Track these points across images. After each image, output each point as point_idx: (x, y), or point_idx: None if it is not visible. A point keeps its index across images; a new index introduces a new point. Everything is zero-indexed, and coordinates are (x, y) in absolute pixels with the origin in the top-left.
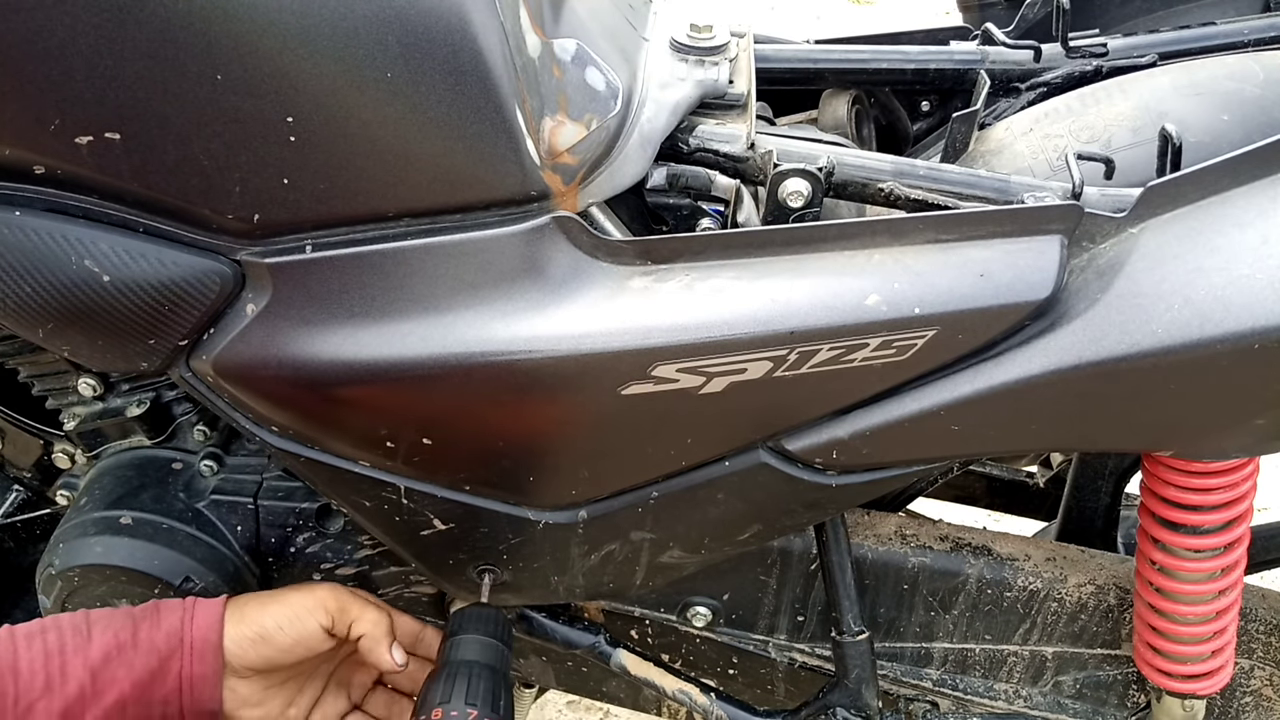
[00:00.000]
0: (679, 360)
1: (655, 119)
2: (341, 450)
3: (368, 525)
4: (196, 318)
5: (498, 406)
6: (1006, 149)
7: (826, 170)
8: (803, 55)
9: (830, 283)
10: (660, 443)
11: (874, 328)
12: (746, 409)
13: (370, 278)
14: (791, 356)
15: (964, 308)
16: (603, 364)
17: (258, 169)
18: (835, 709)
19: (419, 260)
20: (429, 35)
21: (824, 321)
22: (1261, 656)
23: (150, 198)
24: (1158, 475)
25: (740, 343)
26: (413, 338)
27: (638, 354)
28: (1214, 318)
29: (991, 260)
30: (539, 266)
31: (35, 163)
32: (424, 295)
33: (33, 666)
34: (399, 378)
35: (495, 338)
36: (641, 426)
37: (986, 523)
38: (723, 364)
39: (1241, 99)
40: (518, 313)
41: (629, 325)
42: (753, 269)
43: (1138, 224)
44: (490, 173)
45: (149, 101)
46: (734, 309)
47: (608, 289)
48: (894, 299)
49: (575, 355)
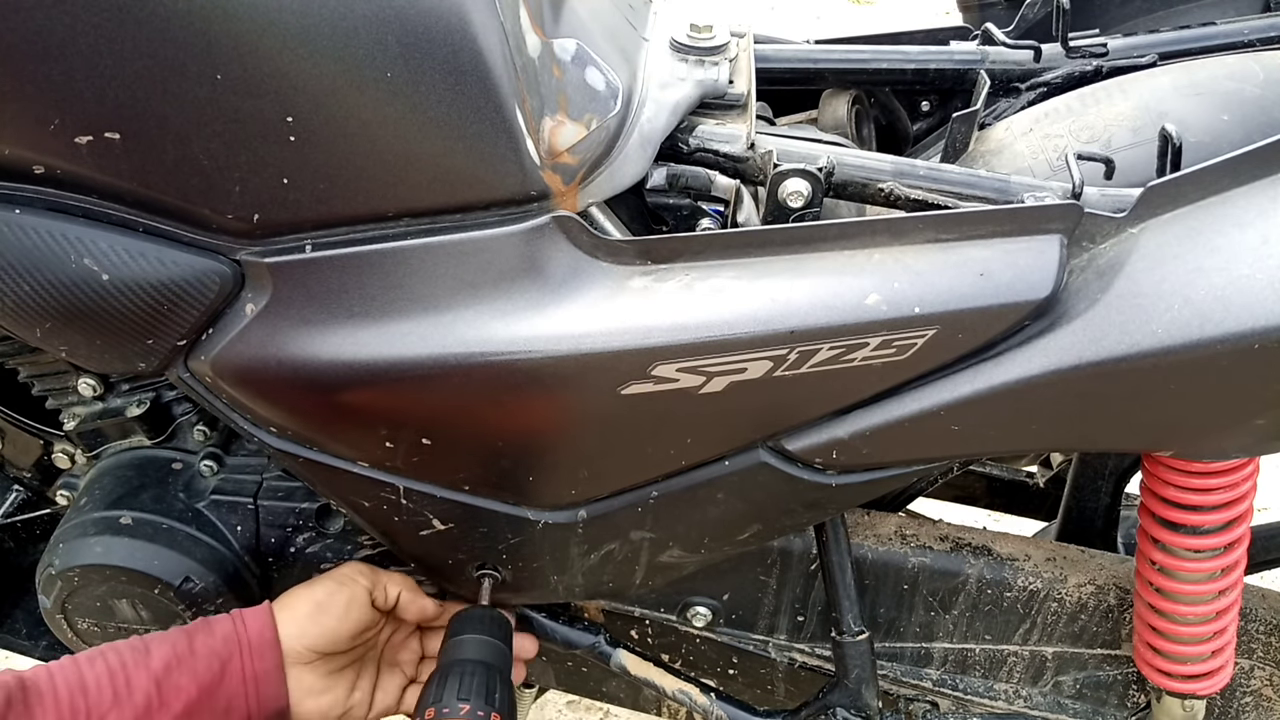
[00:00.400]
0: (679, 360)
1: (655, 119)
2: (340, 451)
3: (367, 526)
4: (195, 318)
5: (497, 406)
6: (1006, 149)
7: (826, 170)
8: (803, 55)
9: (830, 282)
10: (660, 442)
11: (874, 327)
12: (746, 408)
13: (370, 278)
14: (791, 356)
15: (964, 307)
16: (602, 364)
17: (258, 169)
18: (835, 709)
19: (418, 260)
20: (429, 35)
21: (824, 321)
22: (1261, 656)
23: (150, 197)
24: (1158, 475)
25: (740, 342)
26: (412, 337)
27: (637, 354)
28: (1214, 318)
29: (991, 260)
30: (538, 266)
31: (35, 162)
32: (423, 295)
33: (99, 683)
34: (398, 378)
35: (494, 337)
36: (641, 426)
37: (986, 523)
38: (723, 363)
39: (1241, 99)
40: (517, 312)
41: (629, 325)
42: (752, 269)
43: (1138, 224)
44: (490, 173)
45: (149, 101)
46: (734, 308)
47: (607, 289)
48: (894, 298)
49: (575, 355)
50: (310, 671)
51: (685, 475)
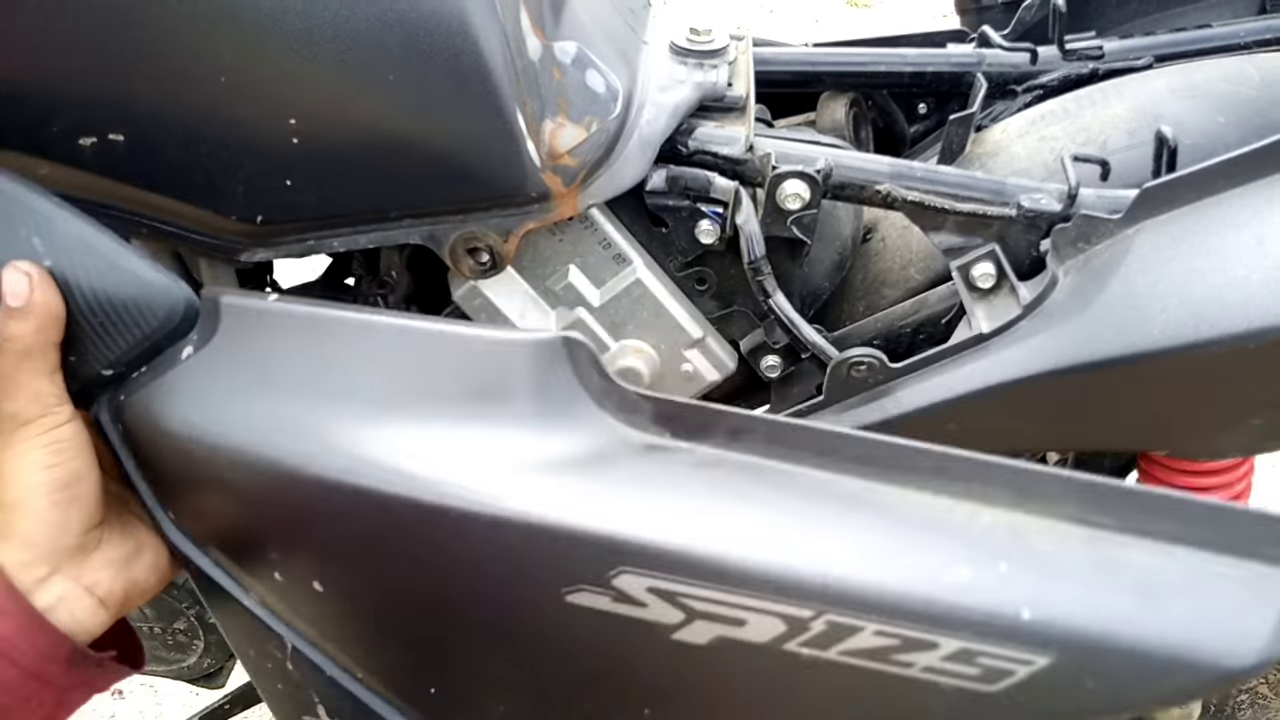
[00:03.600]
0: (655, 574)
1: (655, 121)
2: (232, 569)
3: (256, 685)
4: (128, 345)
5: (406, 561)
6: (1003, 151)
7: (824, 172)
8: (801, 58)
9: (908, 532)
10: (601, 694)
11: (953, 622)
12: (730, 689)
13: (322, 346)
14: (816, 626)
15: (1105, 637)
16: (551, 544)
17: (261, 170)
18: None
19: (386, 339)
20: (431, 38)
21: (881, 589)
22: None
23: (154, 199)
24: (1153, 474)
25: (750, 577)
26: (336, 436)
27: (600, 545)
28: (1210, 318)
29: (1181, 579)
30: (516, 393)
31: (39, 164)
32: (373, 387)
33: None
34: (296, 482)
35: (426, 470)
36: (579, 659)
37: None
38: (715, 601)
39: (1237, 101)
40: (468, 442)
41: (604, 501)
42: (803, 481)
43: (1134, 225)
44: (491, 174)
45: (153, 103)
46: (756, 524)
47: (598, 444)
48: (995, 583)
49: (517, 520)
50: (99, 555)
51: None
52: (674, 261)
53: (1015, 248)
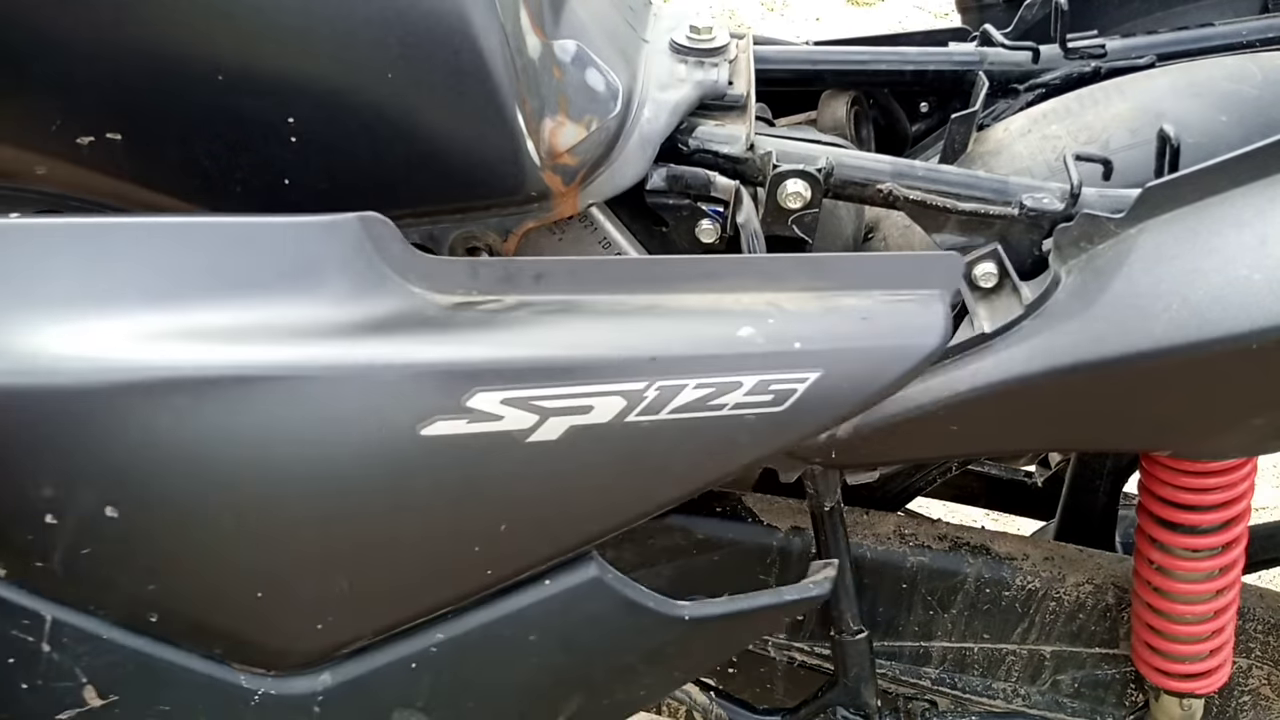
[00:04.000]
0: (506, 387)
1: (655, 120)
2: None
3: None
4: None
5: (225, 446)
6: (1005, 150)
7: (825, 171)
8: (802, 56)
9: (697, 315)
10: (463, 535)
11: (748, 362)
12: (588, 474)
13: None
14: (650, 394)
15: (849, 346)
16: (399, 385)
17: (259, 169)
18: (834, 707)
19: (172, 237)
20: (430, 36)
21: (691, 350)
22: (1259, 656)
23: (152, 199)
24: (1156, 475)
25: (588, 367)
26: (110, 331)
27: (451, 374)
28: (1212, 318)
29: (873, 308)
30: (320, 270)
31: (38, 163)
32: (159, 287)
33: None
34: (81, 390)
35: (241, 352)
36: (441, 496)
37: (985, 522)
38: (563, 396)
39: (1240, 100)
40: (285, 320)
41: (443, 339)
42: (604, 303)
43: (1136, 225)
44: (491, 173)
45: (151, 102)
46: (583, 328)
47: (415, 307)
48: (771, 333)
49: (354, 367)
50: None
51: (487, 605)
52: None
53: (1017, 247)
